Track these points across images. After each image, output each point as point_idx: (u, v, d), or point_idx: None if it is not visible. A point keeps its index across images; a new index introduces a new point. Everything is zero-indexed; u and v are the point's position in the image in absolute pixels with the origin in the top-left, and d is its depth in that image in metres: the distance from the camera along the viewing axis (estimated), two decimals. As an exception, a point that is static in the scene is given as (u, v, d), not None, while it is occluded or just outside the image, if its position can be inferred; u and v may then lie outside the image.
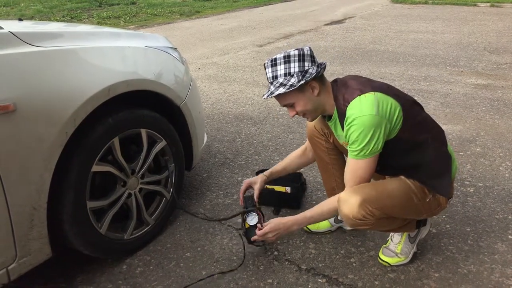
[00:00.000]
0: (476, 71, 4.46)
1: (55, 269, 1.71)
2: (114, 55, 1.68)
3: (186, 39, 7.13)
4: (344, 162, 1.84)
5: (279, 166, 1.93)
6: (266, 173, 1.92)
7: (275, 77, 1.48)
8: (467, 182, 2.29)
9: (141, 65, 1.78)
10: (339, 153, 1.81)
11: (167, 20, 9.94)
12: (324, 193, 2.23)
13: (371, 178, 1.51)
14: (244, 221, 1.74)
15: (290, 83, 1.45)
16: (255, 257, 1.78)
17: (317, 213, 1.60)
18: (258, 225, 1.69)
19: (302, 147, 1.94)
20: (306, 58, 1.47)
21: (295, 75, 1.46)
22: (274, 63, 1.48)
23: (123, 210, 1.79)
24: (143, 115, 1.77)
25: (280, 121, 3.33)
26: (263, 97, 1.51)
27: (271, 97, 1.49)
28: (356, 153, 1.45)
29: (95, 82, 1.52)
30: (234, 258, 1.77)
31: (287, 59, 1.46)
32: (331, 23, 8.33)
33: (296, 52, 1.46)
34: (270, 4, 12.36)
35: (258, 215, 1.73)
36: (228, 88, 4.29)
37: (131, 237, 1.80)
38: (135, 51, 1.79)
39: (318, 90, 1.50)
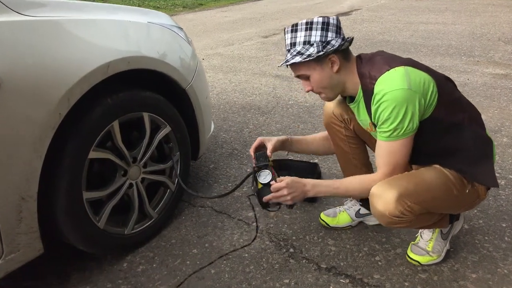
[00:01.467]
0: (493, 61, 4.27)
1: (47, 266, 1.55)
2: (114, 29, 1.51)
3: (189, 30, 6.94)
4: (366, 152, 1.67)
5: (302, 139, 1.70)
6: (292, 137, 1.66)
7: (293, 44, 1.32)
8: (497, 174, 2.11)
9: (144, 42, 1.60)
10: (360, 142, 1.64)
11: (170, 12, 9.76)
12: (342, 185, 2.06)
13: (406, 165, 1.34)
14: (256, 181, 1.47)
15: (308, 52, 1.29)
16: (269, 254, 1.61)
17: (345, 186, 1.40)
18: (272, 182, 1.42)
19: (326, 135, 1.74)
20: (330, 27, 1.30)
21: (314, 45, 1.30)
22: (294, 28, 1.32)
23: (124, 202, 1.63)
24: (145, 97, 1.60)
25: (290, 111, 3.16)
26: (278, 66, 1.38)
27: (287, 65, 1.34)
28: (388, 133, 1.28)
29: (92, 58, 1.35)
30: (246, 255, 1.61)
31: (309, 25, 1.30)
32: (338, 15, 8.12)
33: (320, 19, 1.30)
34: (274, -3, 12.14)
35: (272, 173, 1.46)
36: (233, 78, 4.12)
37: (132, 231, 1.63)
38: (137, 26, 1.62)
39: (338, 66, 1.33)
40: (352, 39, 1.36)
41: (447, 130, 1.33)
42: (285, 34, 1.35)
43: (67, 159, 1.35)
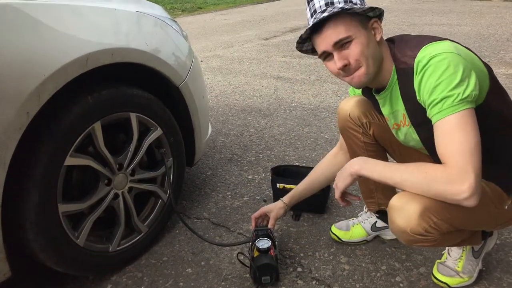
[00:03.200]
0: (504, 61, 4.09)
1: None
2: (96, 17, 1.32)
3: (188, 33, 6.73)
4: (385, 160, 1.46)
5: (302, 184, 1.52)
6: (285, 198, 1.51)
7: (330, 4, 1.07)
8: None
9: (131, 33, 1.41)
10: (381, 150, 1.43)
11: (168, 15, 9.60)
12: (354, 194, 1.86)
13: (479, 146, 0.96)
14: (253, 248, 1.38)
15: (354, 8, 1.05)
16: (274, 274, 1.41)
17: (401, 168, 1.06)
18: (271, 249, 1.35)
19: (332, 151, 1.55)
20: None
21: (358, 4, 1.08)
22: None
23: (108, 215, 1.43)
24: (132, 96, 1.41)
25: (293, 113, 2.96)
26: (315, 21, 1.06)
27: (321, 22, 1.06)
28: (440, 104, 0.96)
29: (69, 48, 1.16)
30: (247, 276, 1.40)
31: None
32: (339, 17, 7.96)
33: None
34: (274, 0, 12.00)
35: (272, 240, 1.38)
36: (233, 80, 3.93)
37: (118, 248, 1.43)
38: (123, 15, 1.43)
39: (380, 35, 1.11)
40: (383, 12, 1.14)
41: (496, 126, 1.09)
42: (310, 1, 1.12)
43: (38, 166, 1.15)
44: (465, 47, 1.09)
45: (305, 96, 3.33)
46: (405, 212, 1.06)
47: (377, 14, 1.11)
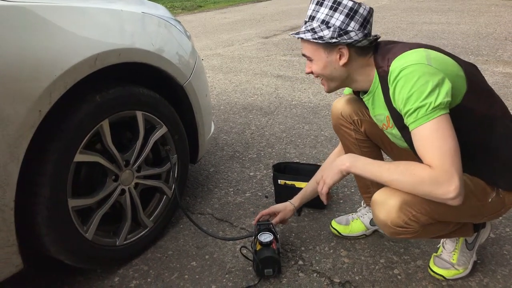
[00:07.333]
0: (502, 60, 4.13)
1: (28, 284, 1.40)
2: (104, 18, 1.36)
3: (188, 31, 6.81)
4: (381, 157, 1.51)
5: (309, 186, 1.54)
6: (295, 201, 1.54)
7: (311, 18, 1.18)
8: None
9: (137, 33, 1.45)
10: (373, 145, 1.48)
11: (168, 13, 9.63)
12: (352, 190, 1.92)
13: (457, 148, 1.02)
14: (255, 242, 1.43)
15: (320, 34, 1.15)
16: (276, 267, 1.46)
17: (388, 167, 1.10)
18: (273, 243, 1.40)
19: (335, 151, 1.59)
20: (356, 17, 1.13)
21: (331, 28, 1.14)
22: (320, 2, 1.17)
23: (115, 210, 1.48)
24: (139, 94, 1.45)
25: (294, 111, 3.01)
26: (290, 34, 1.27)
27: (297, 37, 1.21)
28: (415, 114, 1.03)
29: (78, 49, 1.20)
30: (250, 269, 1.45)
31: (335, 5, 1.14)
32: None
33: (350, 4, 1.13)
34: (274, -1, 12.04)
35: (274, 235, 1.43)
36: (234, 79, 3.98)
37: (124, 242, 1.48)
38: (130, 16, 1.47)
39: (345, 61, 1.16)
40: (377, 39, 1.19)
41: (477, 123, 1.14)
42: (309, 4, 1.21)
43: (49, 162, 1.19)
44: (442, 51, 1.14)
45: (305, 95, 3.37)
46: (385, 206, 1.12)
47: (349, 42, 1.13)
